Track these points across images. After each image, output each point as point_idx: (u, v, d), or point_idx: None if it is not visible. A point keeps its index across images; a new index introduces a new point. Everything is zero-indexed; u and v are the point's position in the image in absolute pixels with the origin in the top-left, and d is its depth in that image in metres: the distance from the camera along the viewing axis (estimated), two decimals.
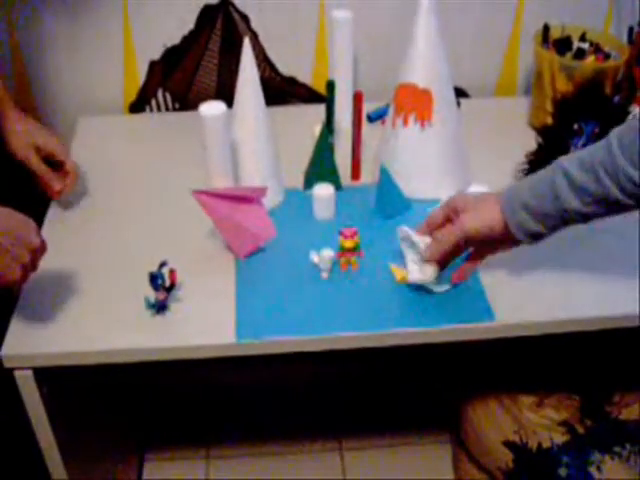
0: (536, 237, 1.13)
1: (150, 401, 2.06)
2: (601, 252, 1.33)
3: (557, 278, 1.28)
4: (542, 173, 1.11)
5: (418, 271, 1.21)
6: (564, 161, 1.08)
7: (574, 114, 1.39)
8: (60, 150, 1.40)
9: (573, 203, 1.06)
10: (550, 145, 1.43)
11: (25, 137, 1.36)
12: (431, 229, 1.21)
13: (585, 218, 1.09)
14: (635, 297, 1.24)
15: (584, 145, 1.38)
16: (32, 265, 1.08)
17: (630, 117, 1.41)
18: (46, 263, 1.30)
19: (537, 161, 1.45)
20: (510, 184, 1.15)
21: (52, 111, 1.73)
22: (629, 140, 1.00)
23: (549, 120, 1.58)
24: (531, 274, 1.29)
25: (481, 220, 1.14)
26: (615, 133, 1.03)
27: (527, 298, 1.25)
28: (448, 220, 1.19)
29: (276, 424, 2.05)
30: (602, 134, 1.37)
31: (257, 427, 2.04)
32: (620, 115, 1.39)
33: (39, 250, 1.09)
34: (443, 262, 1.21)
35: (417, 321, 1.20)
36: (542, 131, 1.46)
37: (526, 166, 1.47)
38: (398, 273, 1.27)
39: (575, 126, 1.39)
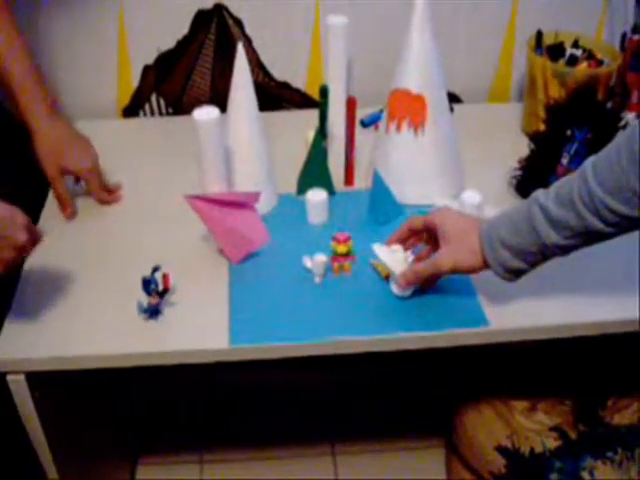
0: (517, 273, 1.14)
1: (143, 405, 2.06)
2: (596, 257, 1.33)
3: (551, 284, 1.28)
4: (520, 208, 1.10)
5: (395, 286, 1.24)
6: (540, 196, 1.06)
7: (566, 120, 1.40)
8: (86, 176, 1.41)
9: (553, 238, 1.05)
10: (543, 151, 1.43)
11: (53, 157, 1.37)
12: (409, 235, 1.24)
13: (566, 251, 1.08)
14: (632, 302, 1.24)
15: (577, 151, 1.39)
16: (30, 243, 1.08)
17: (622, 123, 1.42)
18: (39, 267, 1.31)
19: (530, 167, 1.45)
20: (489, 219, 1.15)
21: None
22: (604, 169, 0.99)
23: (542, 126, 1.58)
24: (525, 280, 1.29)
25: (459, 260, 1.15)
26: (589, 163, 1.02)
27: (521, 304, 1.25)
28: (427, 230, 1.21)
29: (269, 428, 2.04)
30: (594, 140, 1.37)
31: (250, 431, 2.04)
32: (613, 121, 1.40)
33: (32, 231, 1.08)
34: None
35: (411, 326, 1.21)
36: (535, 137, 1.46)
37: (519, 172, 1.47)
38: (382, 270, 1.29)
39: (568, 132, 1.39)
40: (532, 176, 1.44)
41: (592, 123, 1.38)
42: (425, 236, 1.23)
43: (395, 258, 1.22)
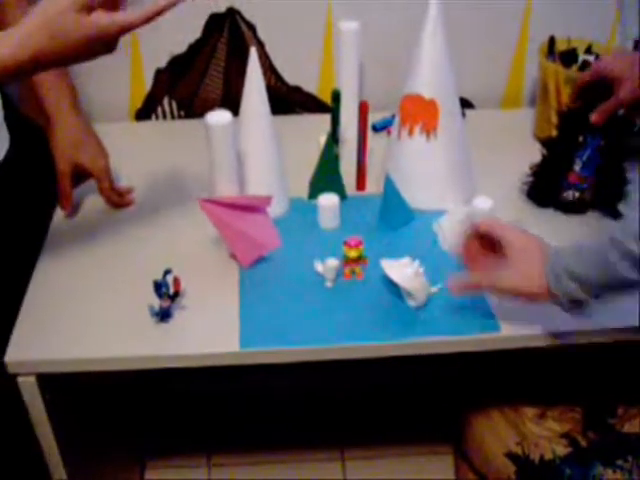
0: (581, 305, 1.09)
1: (152, 408, 2.06)
2: None
3: None
4: (592, 244, 1.06)
5: (411, 301, 1.24)
6: (617, 234, 1.02)
7: (579, 126, 1.39)
8: (99, 175, 1.40)
9: (628, 274, 1.01)
10: (554, 157, 1.43)
11: (70, 150, 1.37)
12: (470, 258, 1.21)
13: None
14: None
15: (589, 158, 1.38)
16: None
17: (636, 129, 1.42)
18: (50, 269, 1.31)
19: (541, 173, 1.45)
20: (554, 247, 1.11)
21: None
22: None
23: (554, 133, 1.58)
24: None
25: (521, 284, 1.11)
26: None
27: (532, 310, 1.24)
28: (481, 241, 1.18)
29: (278, 432, 2.05)
30: (607, 147, 1.37)
31: (259, 435, 2.04)
32: (625, 128, 1.39)
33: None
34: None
35: (422, 332, 1.21)
36: (547, 143, 1.46)
37: (531, 178, 1.47)
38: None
39: (580, 138, 1.39)
40: (544, 182, 1.44)
41: (604, 130, 1.38)
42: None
43: (406, 274, 1.22)
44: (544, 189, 1.43)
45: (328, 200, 1.38)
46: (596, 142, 1.37)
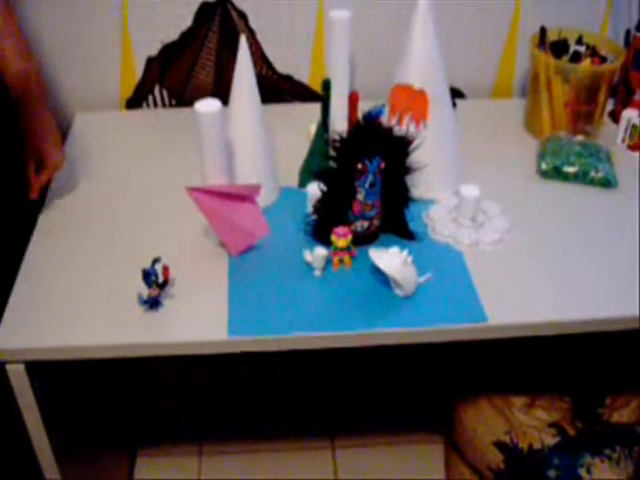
0: None
1: (142, 398, 2.07)
2: (596, 254, 1.33)
3: (550, 280, 1.28)
4: None
5: (399, 290, 1.25)
6: None
7: (354, 154, 1.27)
8: (51, 169, 1.39)
9: None
10: (336, 191, 1.31)
11: (38, 135, 1.37)
12: None
13: None
14: (632, 299, 1.24)
15: (371, 184, 1.28)
16: None
17: (625, 121, 1.41)
18: (40, 256, 1.31)
19: (325, 209, 1.33)
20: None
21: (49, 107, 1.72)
22: None
23: (546, 123, 1.58)
24: (524, 275, 1.29)
25: None
26: None
27: (520, 300, 1.25)
28: None
29: (269, 422, 2.05)
30: (388, 168, 1.28)
31: (249, 424, 2.04)
32: (403, 145, 1.29)
33: None
34: None
35: (410, 321, 1.21)
36: (323, 177, 1.32)
37: (314, 217, 1.35)
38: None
39: (359, 166, 1.27)
40: (328, 219, 1.33)
41: (382, 151, 1.27)
42: None
43: (395, 263, 1.22)
44: (329, 225, 1.30)
45: (318, 189, 1.38)
46: (375, 165, 1.27)
